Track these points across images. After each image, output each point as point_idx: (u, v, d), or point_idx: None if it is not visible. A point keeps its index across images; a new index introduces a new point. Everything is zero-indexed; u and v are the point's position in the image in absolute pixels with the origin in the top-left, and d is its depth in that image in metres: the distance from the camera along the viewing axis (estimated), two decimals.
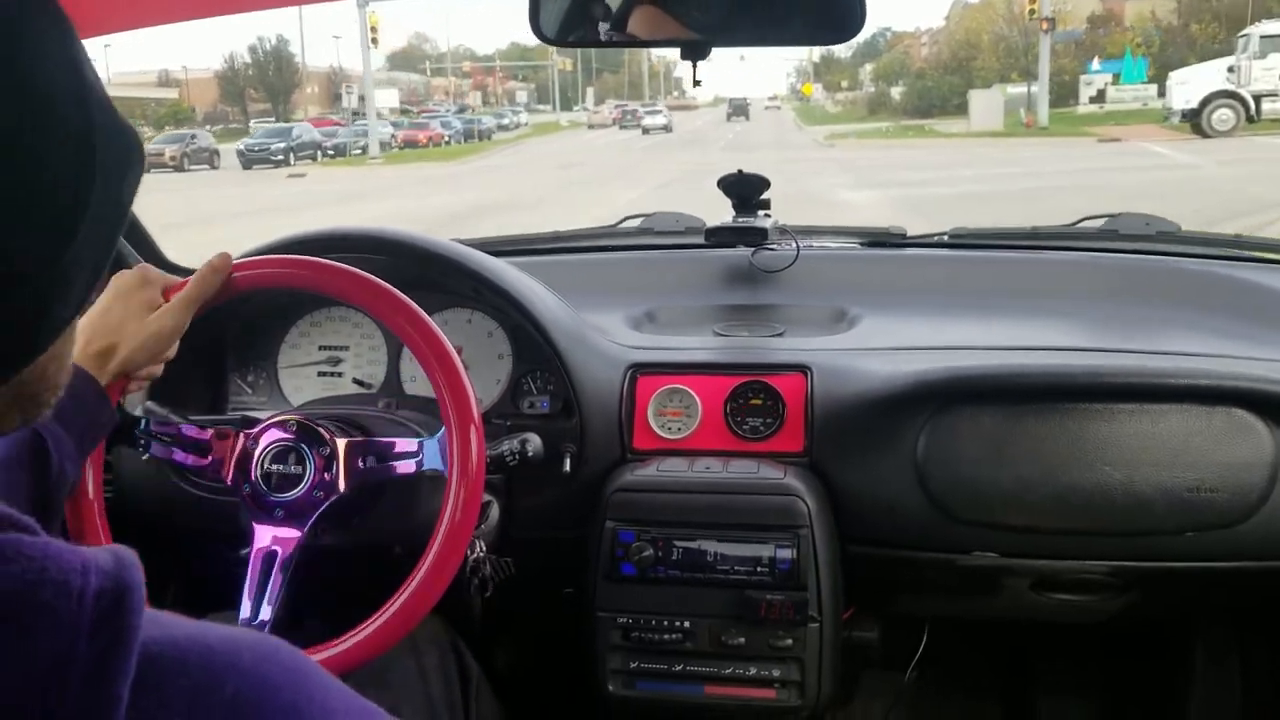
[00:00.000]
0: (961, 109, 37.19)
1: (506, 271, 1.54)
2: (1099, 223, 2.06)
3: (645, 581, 1.40)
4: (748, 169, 1.89)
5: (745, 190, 1.88)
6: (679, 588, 1.40)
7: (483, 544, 1.30)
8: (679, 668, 1.40)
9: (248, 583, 1.17)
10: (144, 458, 1.24)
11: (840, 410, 1.47)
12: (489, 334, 1.61)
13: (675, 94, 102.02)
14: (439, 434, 1.18)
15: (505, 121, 52.88)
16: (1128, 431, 1.38)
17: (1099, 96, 37.55)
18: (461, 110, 55.24)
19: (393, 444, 1.21)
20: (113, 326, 1.13)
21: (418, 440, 1.20)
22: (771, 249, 1.90)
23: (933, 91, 49.33)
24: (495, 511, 1.40)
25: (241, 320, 1.62)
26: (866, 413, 1.46)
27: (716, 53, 1.33)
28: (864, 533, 1.45)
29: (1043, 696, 2.03)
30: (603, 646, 1.42)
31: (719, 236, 1.89)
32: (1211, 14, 42.43)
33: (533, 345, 1.53)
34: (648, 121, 45.27)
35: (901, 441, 1.42)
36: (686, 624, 1.39)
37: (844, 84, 74.09)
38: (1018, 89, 36.32)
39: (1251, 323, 1.66)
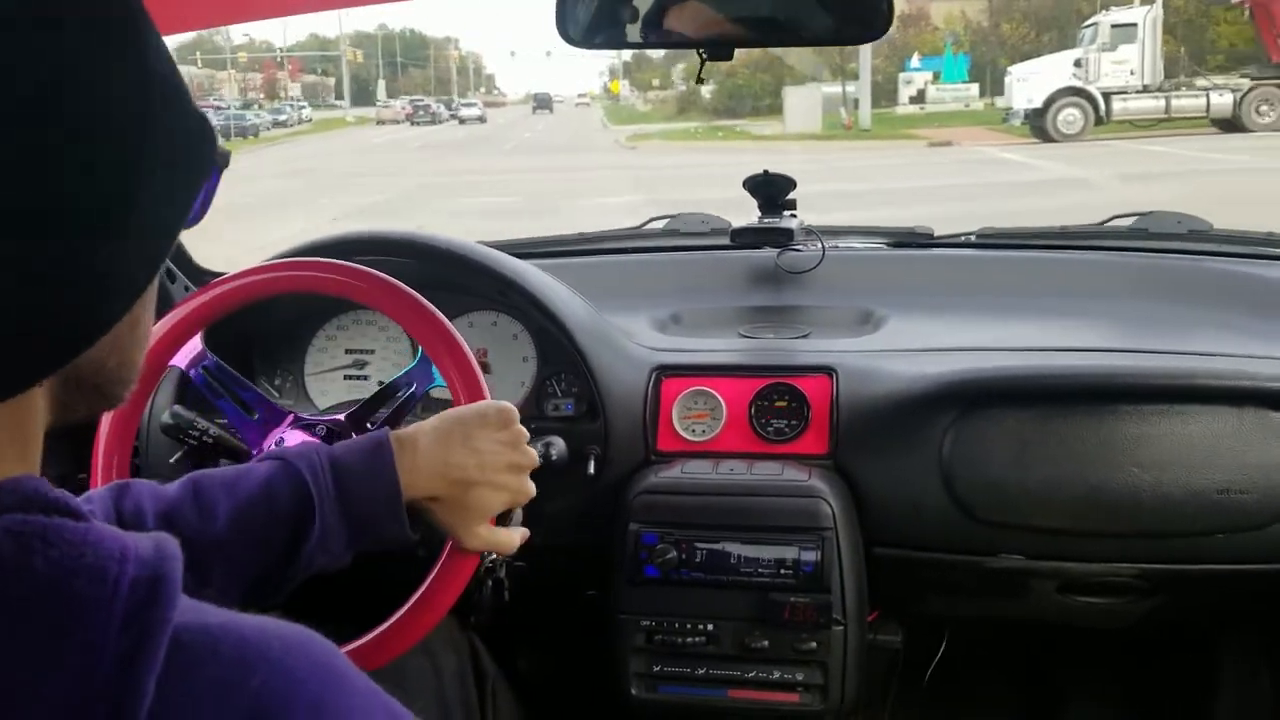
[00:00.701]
0: (775, 109, 33.97)
1: (531, 274, 1.55)
2: (1129, 221, 2.04)
3: (668, 584, 1.40)
4: (524, 182, 1.87)
5: (771, 191, 1.87)
6: (702, 590, 1.40)
7: None
8: (702, 671, 1.40)
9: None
10: (183, 430, 1.24)
11: (865, 412, 1.47)
12: (514, 336, 1.61)
13: (481, 90, 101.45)
14: (420, 355, 1.17)
15: (283, 118, 48.37)
16: (1157, 432, 1.37)
17: (919, 96, 34.52)
18: (246, 106, 50.97)
19: (381, 394, 1.20)
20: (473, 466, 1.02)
21: (401, 375, 1.19)
22: (797, 250, 1.89)
23: (744, 90, 46.04)
24: (518, 514, 1.40)
25: (268, 324, 1.64)
26: (892, 414, 1.45)
27: (522, 51, 1.32)
28: (889, 535, 1.44)
29: (1065, 703, 2.01)
30: (625, 649, 1.42)
31: (744, 237, 1.88)
32: (1022, 14, 41.15)
33: (557, 348, 1.53)
34: (464, 114, 53.05)
35: (927, 443, 1.42)
36: (710, 627, 1.39)
37: (655, 82, 72.88)
38: (832, 88, 32.97)
39: None
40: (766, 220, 1.87)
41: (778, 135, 28.61)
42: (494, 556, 1.29)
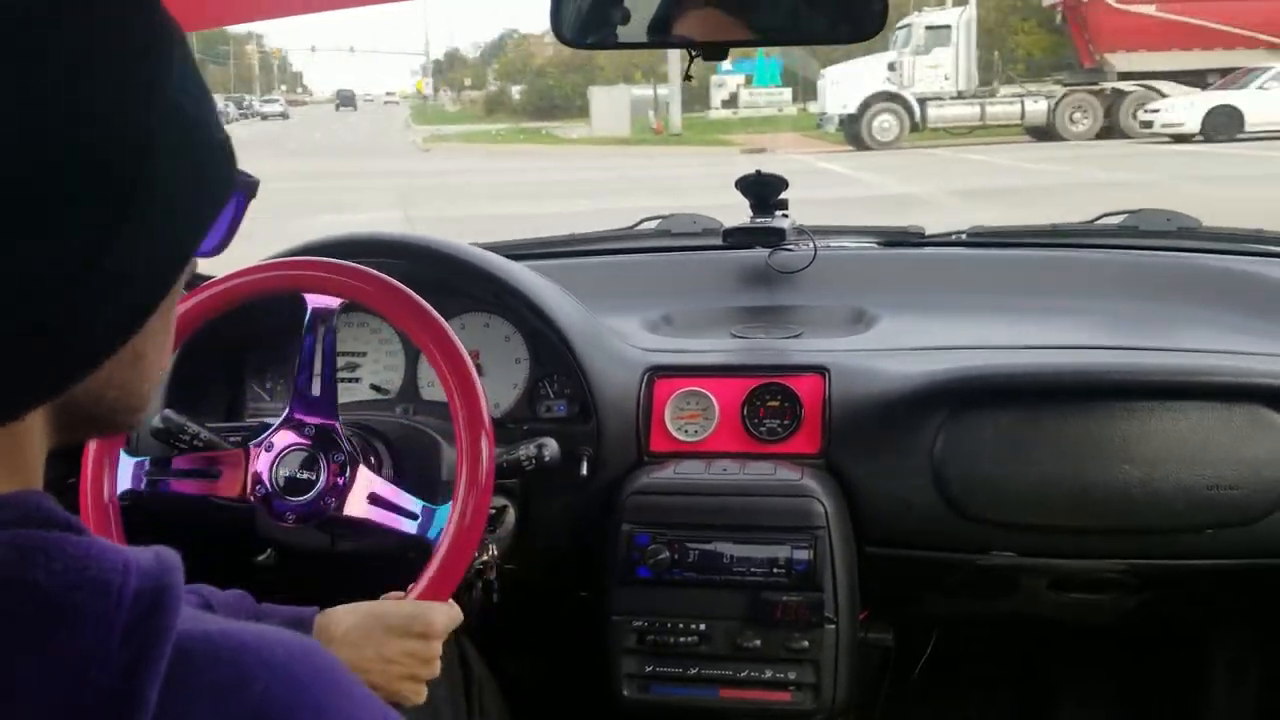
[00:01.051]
0: (585, 111, 32.49)
1: (523, 275, 1.54)
2: (1118, 219, 2.05)
3: (661, 584, 1.40)
4: (265, 193, 1.85)
5: (763, 191, 1.87)
6: (695, 590, 1.40)
7: (494, 549, 1.30)
8: (694, 671, 1.40)
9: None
10: (174, 435, 1.26)
11: (858, 411, 1.47)
12: (506, 338, 1.61)
13: (283, 87, 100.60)
14: (449, 503, 1.16)
15: None
16: (1147, 429, 1.38)
17: (732, 100, 33.12)
18: None
19: (398, 503, 1.19)
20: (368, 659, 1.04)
21: (422, 505, 1.18)
22: (789, 249, 1.89)
23: (554, 91, 45.86)
24: (511, 517, 1.40)
25: (260, 325, 1.63)
26: (884, 414, 1.46)
27: (324, 47, 1.31)
28: (881, 534, 1.45)
29: (1056, 700, 2.02)
30: (617, 650, 1.42)
31: (736, 238, 1.88)
32: None
33: (550, 349, 1.53)
34: (266, 110, 53.21)
35: (919, 442, 1.42)
36: (702, 627, 1.39)
37: (467, 82, 72.26)
38: (643, 90, 31.62)
39: (1273, 319, 1.65)
40: (758, 220, 1.87)
41: (584, 139, 27.98)
42: (485, 559, 1.29)
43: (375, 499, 1.19)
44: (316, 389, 1.22)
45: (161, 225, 0.51)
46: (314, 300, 1.21)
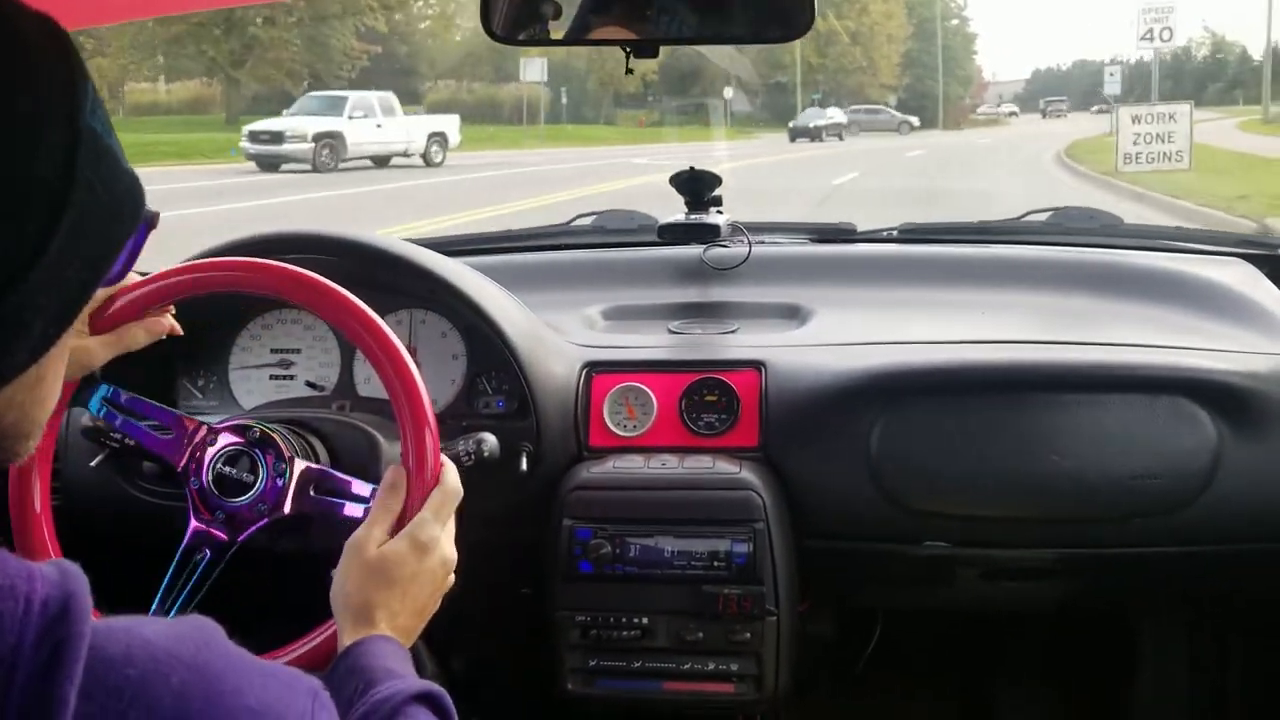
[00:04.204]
0: None
1: (460, 271, 1.54)
2: (1044, 216, 2.10)
3: (603, 579, 1.41)
4: None
5: (698, 187, 1.89)
6: (637, 584, 1.40)
7: None
8: (638, 664, 1.41)
9: (168, 578, 1.15)
10: (104, 433, 1.23)
11: (794, 405, 1.49)
12: (443, 334, 1.60)
13: None
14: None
15: None
16: (1075, 421, 1.41)
17: None
18: None
19: (349, 483, 1.18)
20: None
21: (372, 487, 1.17)
22: (724, 246, 1.90)
23: None
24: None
25: (191, 323, 1.60)
26: (820, 407, 1.48)
27: None
28: (819, 526, 1.47)
29: (997, 686, 2.06)
30: (561, 645, 1.42)
31: (672, 234, 1.89)
32: None
33: (487, 345, 1.53)
34: None
35: (855, 435, 1.44)
36: (645, 620, 1.40)
37: None
38: None
39: (1193, 314, 1.70)
40: (693, 216, 1.88)
41: None
42: None
43: (321, 488, 1.18)
44: None
45: (83, 244, 0.52)
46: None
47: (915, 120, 44.40)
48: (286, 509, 1.17)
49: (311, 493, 1.18)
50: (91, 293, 0.55)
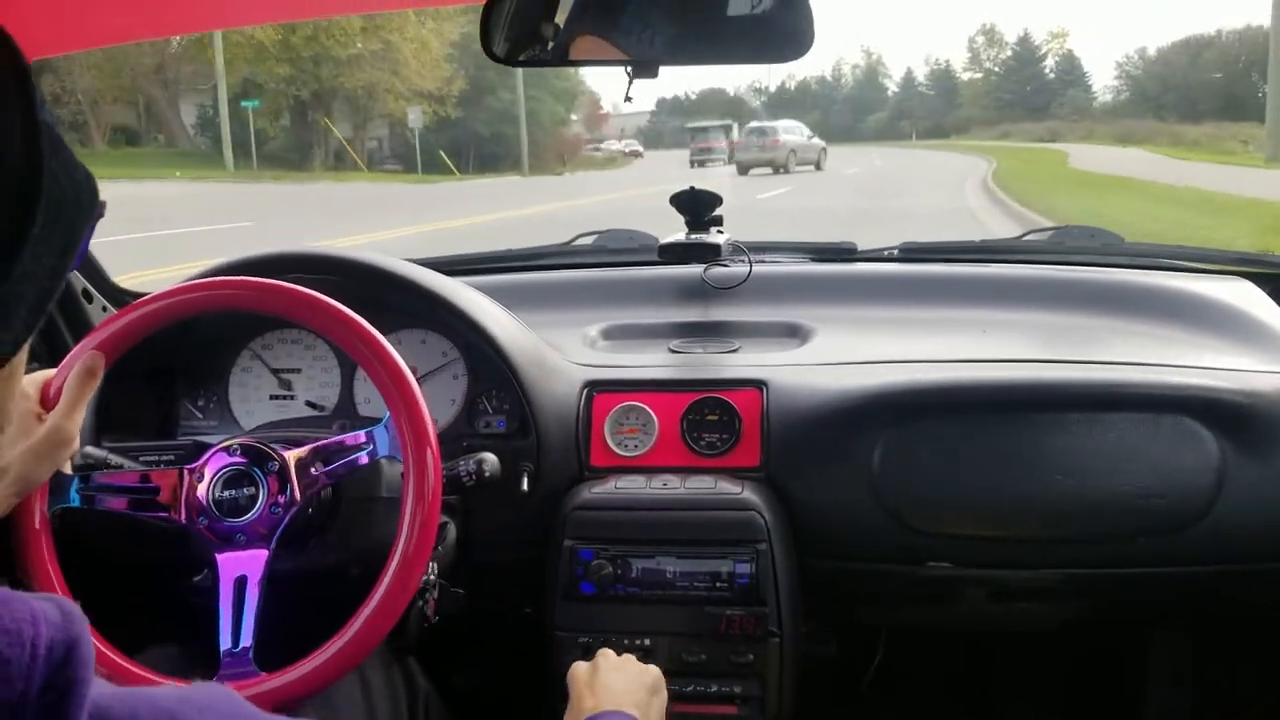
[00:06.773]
0: None
1: (461, 291, 1.54)
2: (1045, 235, 2.10)
3: (605, 600, 1.40)
4: None
5: (698, 207, 1.89)
6: (639, 605, 1.39)
7: (434, 566, 1.29)
8: None
9: (223, 614, 1.13)
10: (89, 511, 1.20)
11: (796, 425, 1.48)
12: (444, 354, 1.60)
13: None
14: (385, 419, 1.17)
15: None
16: (1079, 441, 1.41)
17: None
18: None
19: (340, 441, 1.19)
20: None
21: (365, 430, 1.18)
22: (724, 265, 1.91)
23: None
24: (452, 533, 1.39)
25: (192, 344, 1.60)
26: (822, 427, 1.47)
27: None
28: (822, 546, 1.46)
29: (1002, 707, 2.05)
30: (563, 667, 1.41)
31: (672, 253, 1.89)
32: None
33: (488, 365, 1.53)
34: None
35: (857, 455, 1.43)
36: (647, 642, 1.39)
37: None
38: None
39: (1195, 332, 1.70)
40: (694, 236, 1.88)
41: None
42: (430, 577, 1.28)
43: (322, 458, 1.18)
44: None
45: (55, 233, 0.53)
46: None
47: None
48: (298, 498, 1.17)
49: (312, 471, 1.18)
50: (63, 280, 0.56)
